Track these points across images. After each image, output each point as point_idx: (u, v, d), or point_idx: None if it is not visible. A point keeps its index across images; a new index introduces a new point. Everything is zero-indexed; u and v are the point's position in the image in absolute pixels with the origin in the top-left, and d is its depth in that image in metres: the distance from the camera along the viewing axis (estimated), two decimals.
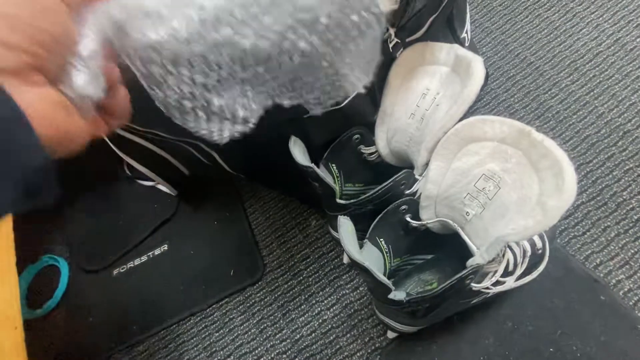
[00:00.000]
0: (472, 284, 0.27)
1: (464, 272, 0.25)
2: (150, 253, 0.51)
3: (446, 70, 0.30)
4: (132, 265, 0.51)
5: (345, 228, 0.26)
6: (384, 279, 0.24)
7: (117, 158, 0.48)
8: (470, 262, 0.26)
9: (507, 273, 0.29)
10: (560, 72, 0.49)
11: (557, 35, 0.52)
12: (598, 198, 0.41)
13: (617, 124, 0.44)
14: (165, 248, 0.51)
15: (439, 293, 0.25)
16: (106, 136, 0.40)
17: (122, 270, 0.51)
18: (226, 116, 0.22)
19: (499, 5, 0.57)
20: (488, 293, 0.30)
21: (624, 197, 0.40)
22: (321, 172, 0.30)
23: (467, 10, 0.44)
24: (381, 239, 0.31)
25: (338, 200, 0.32)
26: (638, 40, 0.48)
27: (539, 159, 0.23)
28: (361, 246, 0.30)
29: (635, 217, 0.39)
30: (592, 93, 0.47)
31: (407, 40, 0.32)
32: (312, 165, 0.29)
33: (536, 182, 0.23)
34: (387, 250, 0.32)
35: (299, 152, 0.30)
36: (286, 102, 0.23)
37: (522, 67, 0.51)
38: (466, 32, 0.44)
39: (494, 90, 0.51)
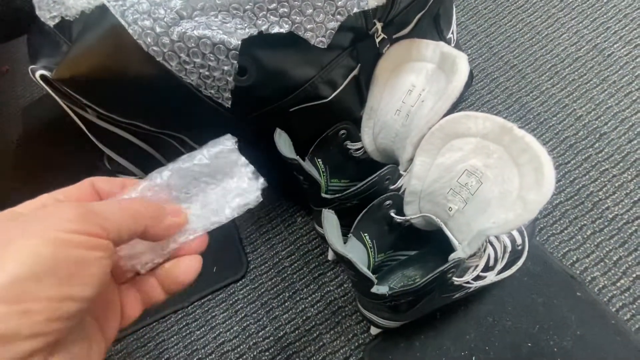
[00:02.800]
0: (454, 278, 0.27)
1: (446, 265, 0.25)
2: None
3: (432, 67, 0.31)
4: None
5: (330, 221, 0.26)
6: (367, 272, 0.24)
7: (98, 151, 0.47)
8: (453, 256, 0.26)
9: (487, 268, 0.29)
10: (542, 76, 0.51)
11: (539, 39, 0.53)
12: (575, 197, 0.42)
13: (595, 127, 0.46)
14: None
15: (421, 287, 0.25)
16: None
17: None
18: (218, 46, 0.22)
19: (484, 9, 0.58)
20: (469, 288, 0.30)
21: (600, 196, 0.42)
22: (306, 165, 0.30)
23: (454, 11, 0.45)
24: (365, 234, 0.31)
25: (323, 195, 0.32)
26: (615, 46, 0.50)
27: (519, 154, 0.24)
28: (346, 241, 0.30)
29: (610, 216, 0.41)
30: (571, 96, 0.48)
31: (394, 36, 0.33)
32: (297, 157, 0.29)
33: (517, 176, 0.23)
34: (371, 245, 0.32)
35: (283, 144, 0.30)
36: (275, 30, 0.22)
37: (505, 69, 0.52)
38: (452, 33, 0.45)
39: (478, 91, 0.52)
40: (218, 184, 0.21)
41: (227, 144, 0.21)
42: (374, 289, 0.26)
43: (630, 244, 0.39)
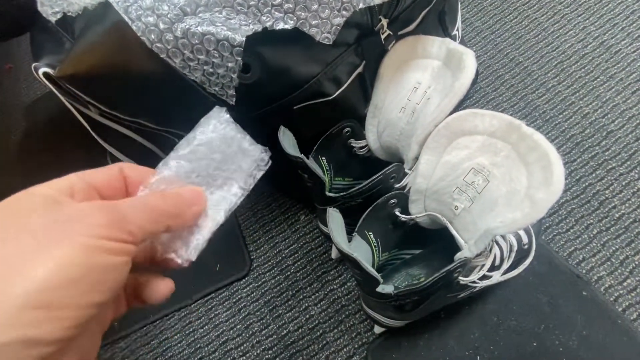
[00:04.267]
0: (460, 278, 0.27)
1: (452, 265, 0.25)
2: None
3: (438, 64, 0.30)
4: None
5: (335, 220, 0.26)
6: (373, 271, 0.24)
7: (100, 148, 0.47)
8: (459, 256, 0.26)
9: (493, 267, 0.29)
10: (548, 73, 0.50)
11: (545, 36, 0.53)
12: (582, 196, 0.42)
13: (601, 124, 0.45)
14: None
15: (427, 286, 0.25)
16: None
17: None
18: (223, 43, 0.22)
19: (489, 5, 0.57)
20: (475, 287, 0.30)
21: (607, 195, 0.41)
22: (311, 163, 0.30)
23: (459, 8, 0.45)
24: (370, 233, 0.31)
25: (327, 193, 0.32)
26: (623, 43, 0.50)
27: (527, 152, 0.23)
28: (350, 240, 0.29)
29: (617, 215, 0.40)
30: (577, 94, 0.48)
31: (399, 33, 0.32)
32: (302, 155, 0.29)
33: (525, 175, 0.23)
34: (375, 244, 0.31)
35: (288, 142, 0.29)
36: (280, 26, 0.22)
37: (510, 66, 0.52)
38: (457, 30, 0.44)
39: (483, 88, 0.51)
40: (224, 159, 0.21)
41: (219, 117, 0.21)
42: (380, 289, 0.26)
43: (637, 243, 0.38)
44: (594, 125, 0.45)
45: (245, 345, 0.42)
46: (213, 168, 0.21)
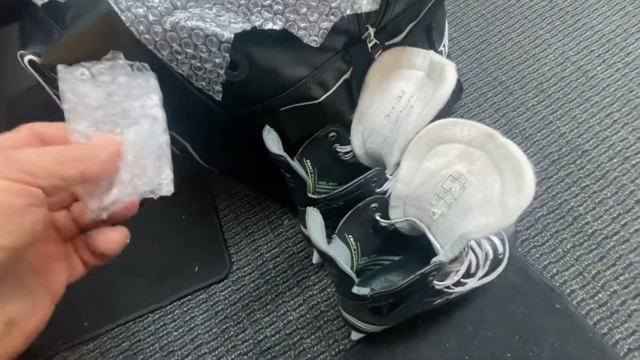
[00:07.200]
0: (435, 282, 0.27)
1: (427, 267, 0.25)
2: None
3: (422, 75, 0.32)
4: None
5: (314, 219, 0.26)
6: (348, 270, 0.24)
7: None
8: (434, 260, 0.26)
9: (468, 275, 0.30)
10: (528, 93, 0.52)
11: (527, 58, 0.55)
12: (557, 211, 0.43)
13: (577, 144, 0.47)
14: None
15: (402, 288, 0.25)
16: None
17: None
18: (212, 39, 0.22)
19: (476, 27, 0.60)
20: (450, 294, 0.30)
21: (580, 211, 0.43)
22: (294, 164, 0.30)
23: (446, 26, 0.47)
24: (350, 236, 0.31)
25: (309, 195, 0.32)
26: (598, 68, 0.52)
27: (502, 160, 0.24)
28: (330, 242, 0.30)
29: (590, 231, 0.42)
30: (555, 114, 0.50)
31: (387, 44, 0.33)
32: (285, 154, 0.29)
33: (498, 182, 0.24)
34: (355, 247, 0.32)
35: (272, 141, 0.30)
36: (269, 26, 0.23)
37: (494, 85, 0.54)
38: (444, 47, 0.46)
39: (467, 104, 0.53)
40: (119, 96, 0.20)
41: (75, 71, 0.20)
42: (355, 290, 0.26)
43: (609, 259, 0.40)
44: (570, 145, 0.47)
45: (220, 349, 0.41)
46: (115, 110, 0.20)
